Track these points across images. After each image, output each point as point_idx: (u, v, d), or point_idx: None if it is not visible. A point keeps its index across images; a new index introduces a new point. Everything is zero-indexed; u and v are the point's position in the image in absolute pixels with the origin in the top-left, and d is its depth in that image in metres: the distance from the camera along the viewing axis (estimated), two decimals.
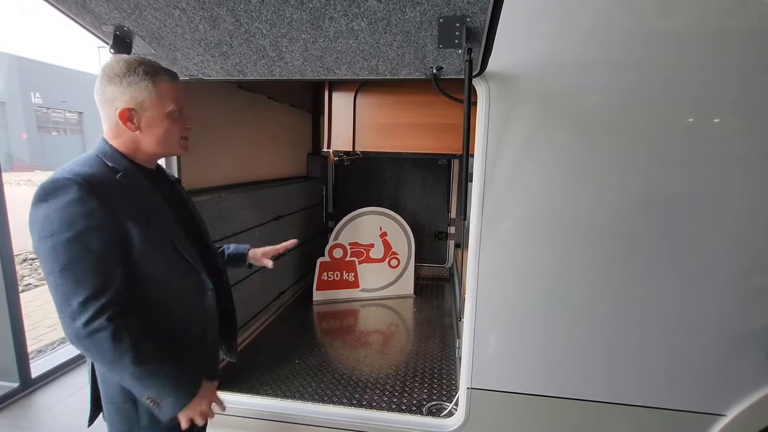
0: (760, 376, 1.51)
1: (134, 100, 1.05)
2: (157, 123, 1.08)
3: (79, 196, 0.93)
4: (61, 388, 2.74)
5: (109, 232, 0.96)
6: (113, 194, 0.99)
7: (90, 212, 0.93)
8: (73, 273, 0.92)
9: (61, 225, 0.92)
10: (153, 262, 1.05)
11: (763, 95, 1.36)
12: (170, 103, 1.08)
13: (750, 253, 1.45)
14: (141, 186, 1.08)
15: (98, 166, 1.03)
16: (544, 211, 1.53)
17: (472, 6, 1.11)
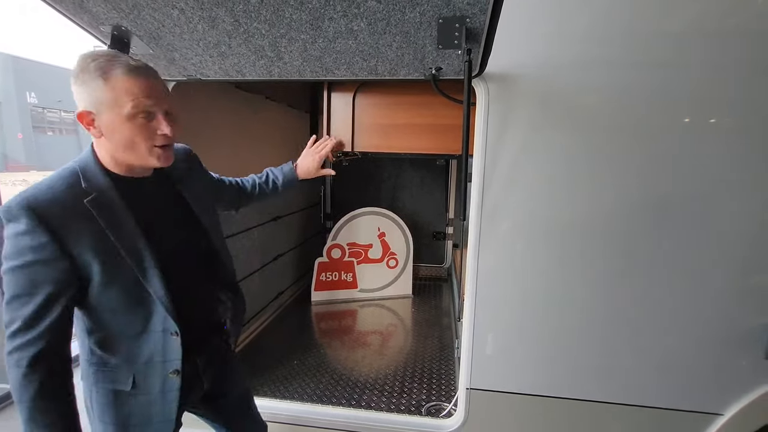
0: (757, 375, 1.52)
1: (91, 100, 0.93)
2: (115, 127, 0.94)
3: (29, 229, 0.88)
4: None
5: (59, 267, 0.91)
6: (72, 225, 0.92)
7: (39, 246, 0.89)
8: (16, 300, 0.90)
9: (12, 253, 0.90)
10: (114, 297, 0.99)
11: (761, 95, 1.37)
12: (126, 102, 0.92)
13: (747, 253, 1.46)
14: (111, 212, 0.97)
15: (67, 188, 0.95)
16: (542, 211, 1.53)
17: (471, 7, 1.11)
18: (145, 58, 1.48)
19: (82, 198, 0.95)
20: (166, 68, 1.56)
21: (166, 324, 1.06)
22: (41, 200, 0.91)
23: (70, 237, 0.92)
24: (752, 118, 1.38)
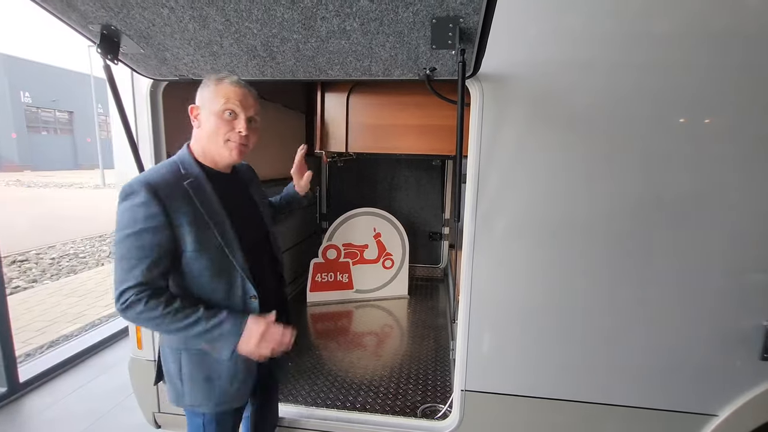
0: (752, 376, 1.52)
1: (200, 98, 1.22)
2: (207, 119, 1.21)
3: (145, 201, 1.09)
4: (50, 393, 2.70)
5: (163, 233, 1.11)
6: (176, 200, 1.14)
7: (151, 216, 1.10)
8: (128, 261, 1.09)
9: (129, 221, 1.10)
10: (204, 264, 1.18)
11: (756, 96, 1.37)
12: (221, 101, 1.19)
13: (742, 254, 1.46)
14: (204, 193, 1.20)
15: (172, 172, 1.18)
16: (537, 212, 1.53)
17: (465, 7, 1.10)
18: (136, 57, 1.46)
19: (183, 181, 1.18)
20: (157, 68, 1.54)
21: (246, 289, 1.26)
22: (154, 180, 1.13)
23: (173, 211, 1.13)
24: (747, 119, 1.38)
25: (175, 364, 1.27)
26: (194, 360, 1.25)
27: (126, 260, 1.09)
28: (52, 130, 24.44)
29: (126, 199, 1.11)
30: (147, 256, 1.10)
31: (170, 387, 1.30)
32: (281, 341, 1.21)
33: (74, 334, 3.72)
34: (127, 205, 1.11)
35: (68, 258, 6.52)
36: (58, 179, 19.22)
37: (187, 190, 1.17)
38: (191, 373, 1.26)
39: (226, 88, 1.20)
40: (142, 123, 1.72)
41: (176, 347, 1.26)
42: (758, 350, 1.49)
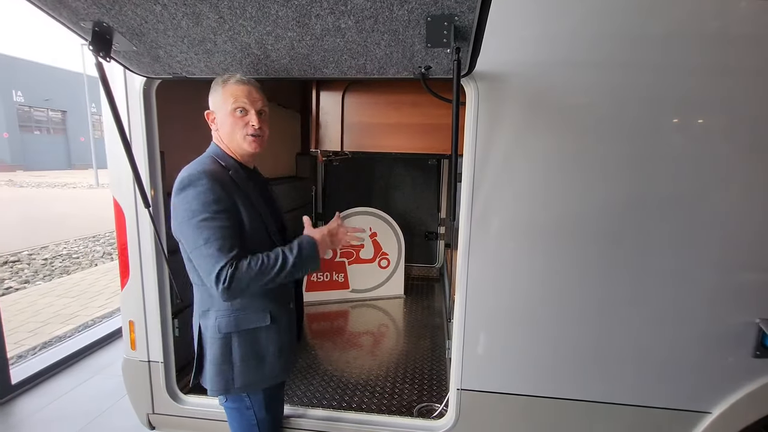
0: (744, 373, 1.53)
1: (212, 103, 1.33)
2: (223, 121, 1.31)
3: (210, 186, 1.18)
4: (43, 395, 2.67)
5: (232, 214, 1.21)
6: (229, 186, 1.24)
7: (219, 198, 1.19)
8: (216, 241, 1.16)
9: (202, 207, 1.17)
10: (254, 244, 1.26)
11: (745, 96, 1.38)
12: (230, 100, 1.28)
13: (733, 252, 1.47)
14: (245, 181, 1.31)
15: (213, 164, 1.27)
16: (533, 211, 1.53)
17: (460, 5, 1.09)
18: (129, 54, 1.44)
19: (225, 170, 1.28)
20: (150, 66, 1.52)
21: None
22: (208, 169, 1.22)
23: (228, 192, 1.22)
24: (739, 119, 1.39)
25: (224, 348, 1.31)
26: (246, 340, 1.33)
27: (212, 242, 1.16)
28: (45, 129, 24.20)
29: (188, 187, 1.19)
30: (228, 234, 1.18)
31: (217, 375, 1.33)
32: (341, 231, 1.41)
33: (67, 335, 3.69)
34: (192, 193, 1.18)
35: (61, 258, 6.46)
36: (51, 179, 19.05)
37: (232, 178, 1.27)
38: (244, 353, 1.32)
39: (232, 88, 1.29)
40: (135, 121, 1.71)
41: (225, 332, 1.31)
42: (751, 348, 1.50)
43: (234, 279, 1.16)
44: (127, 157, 1.55)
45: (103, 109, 1.60)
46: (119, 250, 1.83)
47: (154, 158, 1.77)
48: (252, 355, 1.33)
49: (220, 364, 1.32)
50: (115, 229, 1.83)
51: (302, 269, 1.28)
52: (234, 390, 1.34)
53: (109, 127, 1.65)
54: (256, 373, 1.35)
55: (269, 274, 1.21)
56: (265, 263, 1.21)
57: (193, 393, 1.91)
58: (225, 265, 1.15)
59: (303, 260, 1.27)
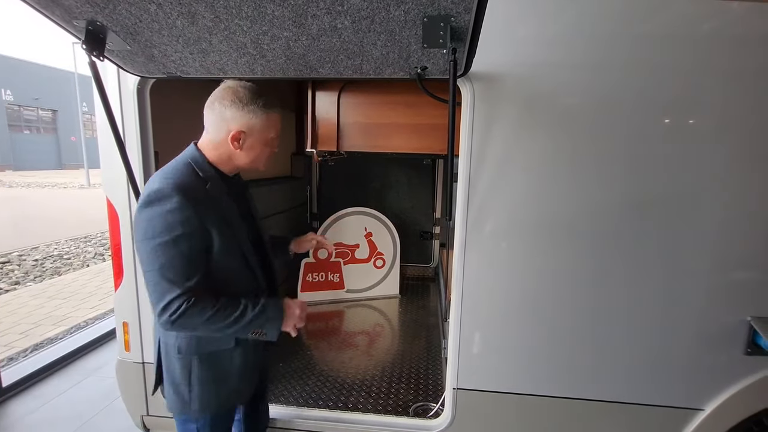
0: (736, 370, 1.55)
1: (247, 125, 1.20)
2: (256, 146, 1.24)
3: (179, 206, 1.07)
4: (34, 398, 2.64)
5: (198, 237, 1.11)
6: (203, 203, 1.13)
7: (186, 220, 1.08)
8: (170, 270, 1.07)
9: (163, 229, 1.07)
10: (225, 266, 1.20)
11: (739, 98, 1.40)
12: (272, 131, 1.25)
13: (725, 251, 1.49)
14: (223, 195, 1.22)
15: (190, 175, 1.16)
16: (528, 210, 1.54)
17: (456, 6, 1.10)
18: (123, 54, 1.43)
19: (203, 184, 1.17)
20: (144, 65, 1.51)
21: (259, 286, 1.31)
22: (182, 183, 1.11)
23: (203, 213, 1.12)
24: (731, 120, 1.41)
25: (184, 370, 1.25)
26: (207, 363, 1.26)
27: (168, 269, 1.07)
28: (35, 128, 23.89)
29: (155, 204, 1.08)
30: (189, 262, 1.10)
31: (174, 395, 1.28)
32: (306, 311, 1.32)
33: (59, 336, 3.65)
34: (157, 210, 1.07)
35: (52, 259, 6.38)
36: (41, 179, 18.80)
37: (209, 193, 1.18)
38: (203, 377, 1.26)
39: (275, 119, 1.25)
40: (129, 121, 1.69)
41: (186, 353, 1.24)
42: (742, 345, 1.53)
43: (183, 316, 1.08)
44: (120, 158, 1.53)
45: (96, 108, 1.58)
46: (113, 251, 1.82)
47: (148, 158, 1.75)
48: (212, 378, 1.26)
49: (177, 385, 1.27)
50: (109, 230, 1.81)
51: (262, 326, 1.20)
52: (190, 412, 1.28)
53: (103, 127, 1.63)
54: (215, 397, 1.28)
55: (220, 323, 1.13)
56: (221, 312, 1.12)
57: None
58: (176, 298, 1.07)
59: (262, 322, 1.20)
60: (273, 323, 1.22)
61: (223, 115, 1.18)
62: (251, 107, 1.19)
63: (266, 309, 1.20)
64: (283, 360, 2.40)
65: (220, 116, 1.19)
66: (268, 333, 1.22)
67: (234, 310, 1.15)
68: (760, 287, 1.50)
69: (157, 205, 1.08)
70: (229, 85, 1.20)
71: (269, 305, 1.22)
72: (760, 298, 1.50)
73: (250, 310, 1.17)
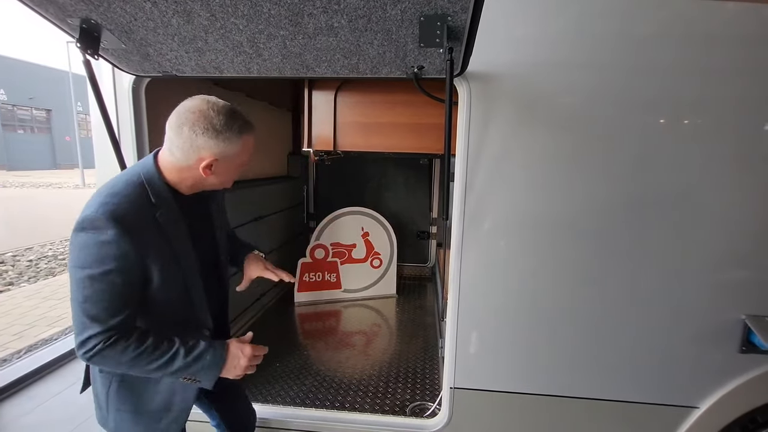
0: (732, 368, 1.56)
1: (222, 153, 1.08)
2: (230, 170, 1.15)
3: (114, 239, 0.97)
4: (29, 399, 2.62)
5: (134, 272, 1.02)
6: (146, 236, 1.03)
7: (122, 255, 0.98)
8: (93, 305, 0.98)
9: (93, 261, 0.97)
10: (165, 298, 1.11)
11: (735, 98, 1.40)
12: (246, 154, 1.14)
13: (720, 250, 1.50)
14: (175, 226, 1.11)
15: (139, 199, 1.05)
16: (525, 210, 1.54)
17: (453, 5, 1.10)
18: (118, 52, 1.42)
19: (153, 211, 1.06)
20: (140, 64, 1.50)
21: (203, 321, 1.22)
22: (123, 211, 1.00)
23: (143, 246, 1.02)
24: (729, 120, 1.42)
25: (103, 388, 1.17)
26: (123, 392, 1.16)
27: (91, 303, 0.97)
28: (29, 128, 23.70)
29: (89, 231, 0.97)
30: (115, 299, 0.99)
31: (96, 406, 1.21)
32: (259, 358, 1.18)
33: (54, 337, 3.62)
34: (90, 239, 0.97)
35: (47, 260, 6.33)
36: (36, 179, 18.66)
37: (158, 222, 1.07)
38: (119, 404, 1.17)
39: (250, 142, 1.14)
40: (124, 120, 1.68)
41: (106, 372, 1.15)
42: (737, 344, 1.54)
43: (98, 355, 0.99)
44: (116, 157, 1.52)
45: (91, 108, 1.57)
46: None
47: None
48: (128, 407, 1.16)
49: (99, 400, 1.19)
50: None
51: (195, 374, 1.09)
52: (109, 429, 1.20)
53: (98, 127, 1.62)
54: (131, 427, 1.18)
55: (144, 366, 1.03)
56: (146, 354, 1.02)
57: None
58: (94, 336, 0.98)
59: (196, 370, 1.08)
60: (209, 372, 1.10)
61: (194, 143, 1.04)
62: (226, 134, 1.06)
63: (203, 355, 1.08)
64: (279, 360, 2.39)
65: (190, 143, 1.04)
66: (202, 381, 1.11)
67: (163, 353, 1.04)
68: (754, 286, 1.51)
69: (90, 233, 0.97)
70: (201, 109, 1.04)
71: (207, 351, 1.09)
72: (755, 297, 1.51)
73: (181, 356, 1.06)
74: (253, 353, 1.16)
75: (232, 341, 1.16)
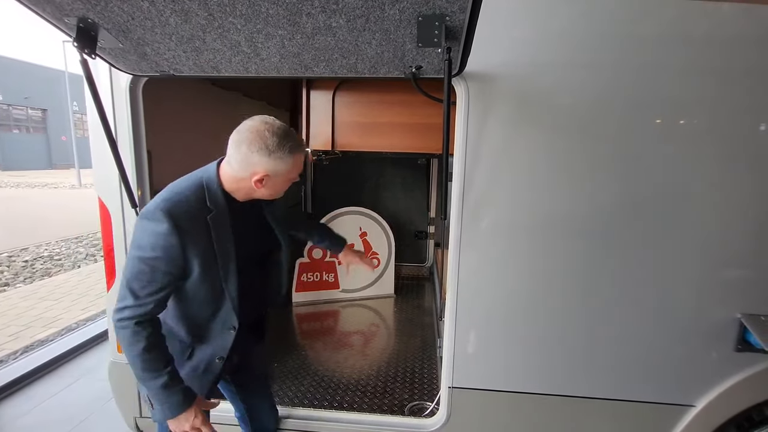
0: (727, 367, 1.57)
1: (273, 170, 1.19)
2: (280, 185, 1.26)
3: (166, 232, 1.12)
4: (26, 400, 2.61)
5: (176, 264, 1.16)
6: (194, 235, 1.17)
7: (169, 246, 1.13)
8: (135, 281, 1.14)
9: (147, 245, 1.13)
10: (199, 292, 1.24)
11: (729, 98, 1.41)
12: (296, 171, 1.24)
13: (716, 249, 1.51)
14: (223, 229, 1.23)
15: (195, 201, 1.19)
16: (522, 210, 1.55)
17: (451, 5, 1.10)
18: (115, 52, 1.41)
19: (206, 213, 1.20)
20: (137, 63, 1.50)
21: (229, 319, 1.31)
22: (179, 211, 1.15)
23: (189, 243, 1.16)
24: (722, 120, 1.43)
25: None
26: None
27: (136, 280, 1.14)
28: (25, 128, 23.56)
29: (150, 220, 1.14)
30: (154, 282, 1.15)
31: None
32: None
33: (50, 338, 3.60)
34: (148, 227, 1.14)
35: (42, 260, 6.29)
36: (31, 179, 18.55)
37: (207, 223, 1.20)
38: None
39: (300, 160, 1.24)
40: (121, 120, 1.68)
41: None
42: (733, 342, 1.55)
43: (125, 328, 1.14)
44: (113, 157, 1.52)
45: (88, 107, 1.57)
46: (105, 252, 1.80)
47: (141, 158, 1.74)
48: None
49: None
50: (101, 230, 1.79)
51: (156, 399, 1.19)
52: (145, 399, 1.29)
53: (95, 126, 1.61)
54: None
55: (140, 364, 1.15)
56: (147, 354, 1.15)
57: None
58: (129, 308, 1.14)
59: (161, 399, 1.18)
60: (164, 410, 1.19)
61: (249, 159, 1.16)
62: (279, 154, 1.16)
63: (171, 395, 1.18)
64: (278, 360, 2.39)
65: (246, 159, 1.16)
66: (154, 410, 1.21)
67: (156, 367, 1.16)
68: (749, 285, 1.52)
69: (150, 221, 1.13)
70: (258, 129, 1.16)
71: (176, 395, 1.19)
72: (750, 296, 1.52)
73: (161, 379, 1.16)
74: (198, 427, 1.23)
75: (196, 405, 1.23)
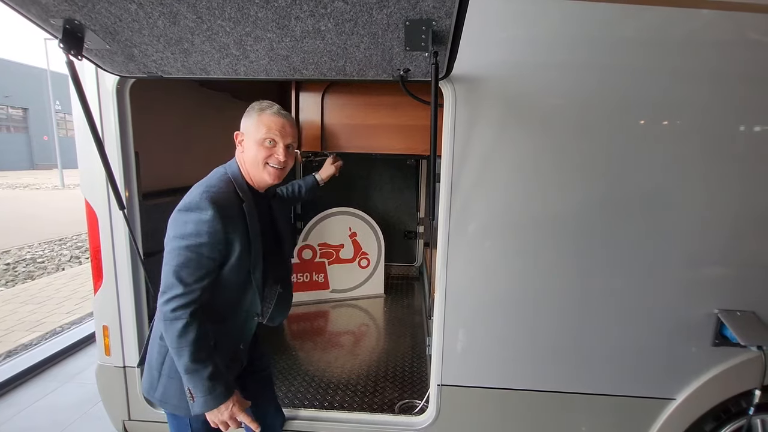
0: (705, 361, 1.63)
1: (244, 126, 1.33)
2: (250, 146, 1.31)
3: (211, 218, 1.19)
4: (10, 405, 2.56)
5: (219, 249, 1.22)
6: (233, 221, 1.24)
7: (214, 231, 1.19)
8: (182, 269, 1.17)
9: (191, 234, 1.18)
10: (231, 279, 1.29)
11: (713, 99, 1.46)
12: (263, 130, 1.29)
13: (694, 248, 1.56)
14: (254, 216, 1.31)
15: (229, 192, 1.28)
16: (509, 210, 1.58)
17: (437, 10, 1.12)
18: (102, 53, 1.41)
19: (240, 202, 1.29)
20: (124, 65, 1.49)
21: (254, 306, 1.39)
22: (220, 198, 1.23)
23: (231, 229, 1.23)
24: (707, 120, 1.48)
25: (159, 356, 1.31)
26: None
27: (184, 268, 1.17)
28: (5, 127, 22.99)
29: (193, 211, 1.20)
30: (203, 267, 1.20)
31: (146, 375, 1.34)
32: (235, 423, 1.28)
33: (33, 343, 3.53)
34: (193, 217, 1.19)
35: (25, 263, 6.16)
36: (12, 180, 18.10)
37: (243, 211, 1.28)
38: (170, 372, 1.29)
39: (268, 119, 1.30)
40: (108, 121, 1.66)
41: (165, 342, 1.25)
42: (710, 337, 1.60)
43: (176, 319, 1.16)
44: (100, 158, 1.51)
45: (74, 108, 1.55)
46: (92, 254, 1.78)
47: (129, 159, 1.73)
48: (179, 376, 1.24)
49: (151, 367, 1.33)
50: (87, 232, 1.77)
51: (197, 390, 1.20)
52: (153, 398, 1.32)
53: (81, 127, 1.60)
54: (177, 394, 1.28)
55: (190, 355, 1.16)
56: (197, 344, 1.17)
57: None
58: (178, 297, 1.16)
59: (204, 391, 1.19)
60: (208, 401, 1.21)
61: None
62: (249, 113, 1.31)
63: (217, 386, 1.21)
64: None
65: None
66: (195, 402, 1.22)
67: (206, 354, 1.19)
68: (726, 282, 1.58)
69: (194, 212, 1.19)
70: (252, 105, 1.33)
71: (221, 384, 1.21)
72: (727, 292, 1.58)
73: (208, 369, 1.19)
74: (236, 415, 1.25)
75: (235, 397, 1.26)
